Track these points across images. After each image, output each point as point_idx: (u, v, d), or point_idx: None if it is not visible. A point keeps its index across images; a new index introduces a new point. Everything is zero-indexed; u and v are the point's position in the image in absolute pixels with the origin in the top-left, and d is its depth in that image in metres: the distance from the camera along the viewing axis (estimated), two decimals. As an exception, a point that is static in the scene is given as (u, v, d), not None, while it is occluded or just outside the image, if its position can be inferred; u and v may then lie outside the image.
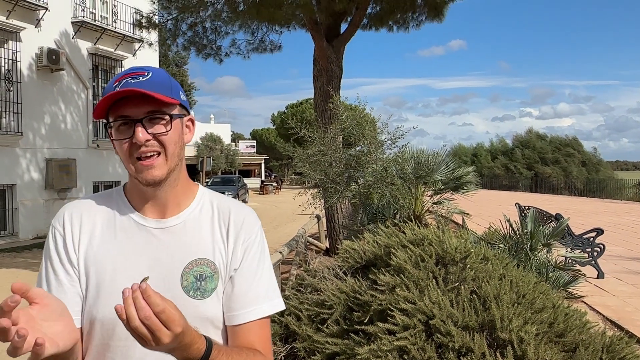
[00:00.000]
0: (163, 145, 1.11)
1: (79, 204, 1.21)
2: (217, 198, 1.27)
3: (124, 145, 1.10)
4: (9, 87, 14.17)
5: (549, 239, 4.11)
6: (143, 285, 0.89)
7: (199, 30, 11.62)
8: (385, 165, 5.88)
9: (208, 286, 1.14)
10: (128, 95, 1.07)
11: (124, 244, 1.14)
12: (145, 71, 1.12)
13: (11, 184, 14.31)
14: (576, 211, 17.36)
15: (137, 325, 0.87)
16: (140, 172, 1.11)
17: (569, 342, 2.35)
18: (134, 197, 1.19)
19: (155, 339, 0.88)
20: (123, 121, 1.10)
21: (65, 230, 1.15)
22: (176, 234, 1.17)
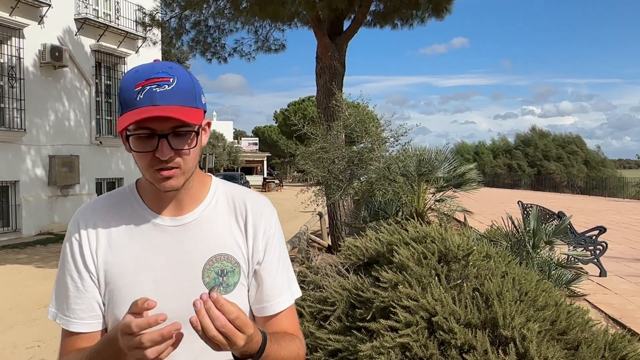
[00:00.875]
0: (183, 160, 1.09)
1: (93, 207, 1.20)
2: (232, 189, 1.25)
3: (146, 156, 1.07)
4: (13, 84, 14.19)
5: (552, 237, 4.11)
6: (214, 295, 0.92)
7: (202, 29, 11.63)
8: (388, 163, 5.88)
9: (230, 281, 1.15)
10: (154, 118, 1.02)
11: (142, 245, 1.14)
12: (169, 77, 1.06)
13: (14, 181, 14.35)
14: (579, 209, 17.34)
15: (215, 334, 0.90)
16: (158, 182, 1.09)
17: (571, 339, 2.35)
18: (149, 195, 1.18)
19: (230, 344, 0.92)
20: (145, 134, 1.05)
21: (81, 235, 1.15)
22: (193, 230, 1.16)
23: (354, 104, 8.83)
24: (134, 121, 1.02)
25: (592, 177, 36.11)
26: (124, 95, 1.07)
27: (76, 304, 1.13)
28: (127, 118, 1.03)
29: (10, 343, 5.77)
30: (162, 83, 1.05)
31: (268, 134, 59.77)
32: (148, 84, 1.05)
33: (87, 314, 1.12)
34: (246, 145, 53.95)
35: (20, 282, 8.69)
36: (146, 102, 1.04)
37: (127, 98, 1.06)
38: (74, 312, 1.13)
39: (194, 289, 1.11)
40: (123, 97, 1.08)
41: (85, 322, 1.12)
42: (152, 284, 1.11)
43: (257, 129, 65.18)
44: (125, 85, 1.08)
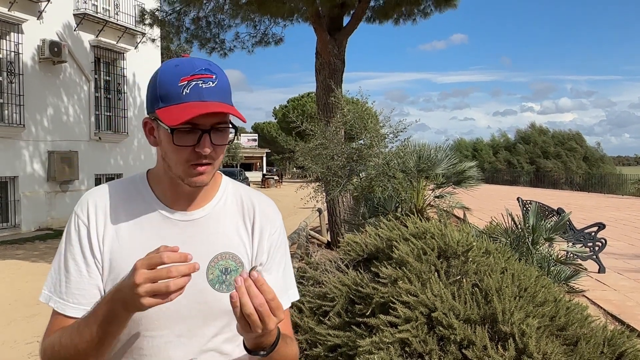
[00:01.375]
0: (216, 155, 1.11)
1: (103, 192, 1.18)
2: (240, 189, 1.27)
3: (184, 151, 1.08)
4: (11, 79, 14.16)
5: (551, 233, 4.11)
6: (255, 275, 0.95)
7: (202, 24, 11.60)
8: (387, 159, 5.88)
9: (233, 279, 1.14)
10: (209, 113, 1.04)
11: (150, 237, 1.13)
12: (212, 74, 1.08)
13: (13, 176, 14.33)
14: (578, 206, 17.36)
15: (251, 312, 0.92)
16: (191, 176, 1.09)
17: (570, 335, 2.36)
18: (161, 188, 1.18)
19: (263, 324, 0.94)
20: (188, 128, 1.06)
21: (89, 220, 1.14)
22: (201, 226, 1.17)
23: (353, 100, 8.82)
24: (193, 116, 1.03)
25: (591, 174, 36.13)
26: (166, 88, 1.08)
27: (77, 289, 1.11)
28: (178, 111, 1.04)
29: (10, 338, 5.78)
30: (206, 80, 1.07)
31: (267, 130, 59.75)
32: (194, 80, 1.06)
33: (87, 300, 1.11)
34: (245, 141, 53.92)
35: (20, 277, 8.69)
36: (194, 97, 1.05)
37: (170, 91, 1.07)
38: (74, 297, 1.11)
39: (198, 285, 1.11)
40: (165, 90, 1.08)
41: (84, 307, 1.11)
42: None
43: (257, 125, 65.14)
44: (166, 79, 1.09)
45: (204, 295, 1.13)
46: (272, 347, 1.05)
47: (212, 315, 1.14)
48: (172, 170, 1.12)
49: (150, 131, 1.15)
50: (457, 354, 2.22)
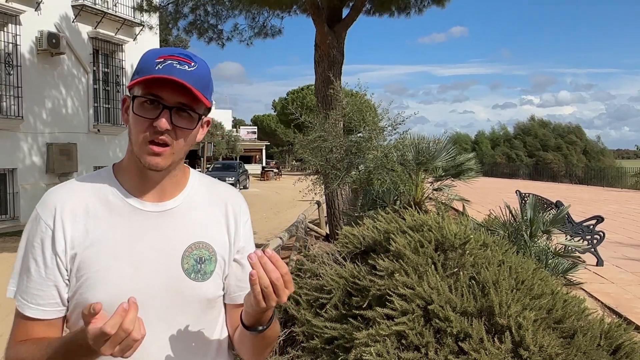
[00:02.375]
0: (177, 139, 1.09)
1: (67, 190, 1.16)
2: (207, 180, 1.28)
3: (143, 123, 1.07)
4: (10, 71, 14.10)
5: (549, 226, 4.11)
6: (269, 252, 1.01)
7: (200, 14, 11.54)
8: (385, 152, 5.87)
9: (207, 269, 1.16)
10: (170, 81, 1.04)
11: (121, 229, 1.12)
12: (192, 60, 1.09)
13: (12, 168, 14.31)
14: (577, 199, 17.36)
15: (267, 285, 0.98)
16: (146, 154, 1.08)
17: (567, 328, 2.36)
18: (129, 179, 1.16)
19: (278, 296, 1.00)
20: (152, 99, 1.06)
21: (55, 221, 1.10)
22: (173, 217, 1.16)
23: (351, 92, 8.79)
24: (149, 77, 1.04)
25: (590, 167, 36.13)
26: (142, 64, 1.09)
27: (37, 290, 1.10)
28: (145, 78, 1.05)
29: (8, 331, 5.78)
30: (183, 62, 1.08)
31: (267, 123, 59.66)
32: (170, 59, 1.07)
33: (47, 301, 1.10)
34: (245, 134, 53.85)
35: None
36: (163, 72, 1.05)
37: (145, 66, 1.08)
38: (33, 298, 1.10)
39: (173, 275, 1.12)
40: (141, 65, 1.09)
41: (44, 309, 1.10)
42: (131, 269, 1.10)
43: (256, 117, 65.03)
44: (144, 57, 1.11)
45: (180, 284, 1.13)
46: (269, 323, 1.10)
47: (189, 305, 1.14)
48: (133, 150, 1.11)
49: (126, 109, 1.14)
50: (453, 347, 2.22)
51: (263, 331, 1.10)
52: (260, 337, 1.13)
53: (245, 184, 31.95)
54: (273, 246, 5.58)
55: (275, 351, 2.86)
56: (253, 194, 28.42)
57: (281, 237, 6.35)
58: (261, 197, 26.47)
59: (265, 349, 1.20)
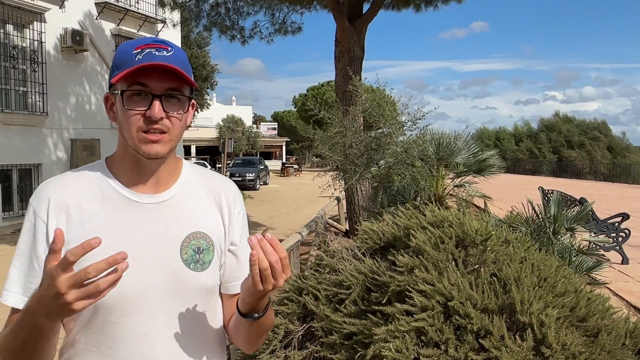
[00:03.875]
0: (172, 125, 1.10)
1: (62, 182, 1.15)
2: (202, 172, 1.28)
3: (135, 116, 1.08)
4: (35, 68, 14.35)
5: (573, 223, 4.04)
6: (269, 236, 1.02)
7: (221, 11, 11.60)
8: (405, 147, 5.82)
9: (206, 258, 1.16)
10: (156, 67, 1.05)
11: (118, 222, 1.11)
12: (167, 45, 1.10)
13: (37, 164, 14.59)
14: (601, 196, 17.06)
15: (266, 267, 0.99)
16: (144, 144, 1.08)
17: (591, 327, 2.31)
18: (124, 171, 1.16)
19: (275, 279, 1.01)
20: (138, 91, 1.07)
21: (49, 214, 1.10)
22: (169, 208, 1.16)
23: (371, 88, 8.74)
24: (136, 67, 1.04)
25: (616, 164, 35.42)
26: (120, 57, 1.10)
27: (30, 282, 1.08)
28: (128, 70, 1.05)
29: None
30: (161, 49, 1.09)
31: (287, 119, 59.75)
32: (147, 48, 1.08)
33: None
34: (265, 130, 54.01)
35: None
36: (145, 61, 1.06)
37: (124, 59, 1.08)
38: (28, 290, 1.08)
39: (172, 266, 1.12)
40: (119, 59, 1.09)
41: None
42: (131, 261, 1.08)
43: (276, 114, 65.19)
44: (121, 50, 1.11)
45: (180, 275, 1.13)
46: (265, 310, 1.11)
47: (189, 295, 1.15)
48: (128, 143, 1.11)
49: (110, 107, 1.15)
50: (473, 344, 2.19)
51: (259, 318, 1.11)
52: (255, 325, 1.14)
53: (266, 180, 32.08)
54: (292, 241, 5.59)
55: (294, 346, 2.86)
56: (273, 189, 28.53)
57: (301, 232, 6.36)
58: (281, 192, 26.56)
59: (260, 336, 1.21)
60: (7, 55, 13.68)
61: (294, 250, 5.68)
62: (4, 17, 13.41)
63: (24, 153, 14.08)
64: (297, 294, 3.02)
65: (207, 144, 43.66)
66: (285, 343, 2.87)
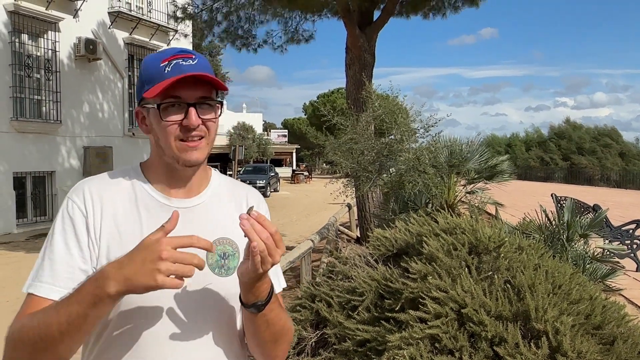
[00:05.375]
0: (208, 130, 1.15)
1: (99, 181, 1.19)
2: (229, 180, 1.33)
3: (173, 126, 1.11)
4: (49, 77, 14.54)
5: (587, 230, 4.01)
6: (254, 213, 1.02)
7: (233, 20, 11.68)
8: (417, 154, 5.82)
9: (231, 264, 1.17)
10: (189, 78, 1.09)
11: (148, 224, 1.13)
12: (191, 54, 1.14)
13: (51, 171, 14.74)
14: (615, 203, 16.88)
15: (263, 248, 1.00)
16: (184, 152, 1.12)
17: (606, 334, 2.30)
18: (157, 176, 1.20)
19: (271, 256, 1.01)
20: (173, 102, 1.11)
21: (87, 207, 1.12)
22: (199, 213, 1.19)
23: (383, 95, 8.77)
24: (172, 81, 1.07)
25: (628, 170, 35.07)
26: (149, 71, 1.13)
27: (67, 272, 1.07)
28: (160, 85, 1.09)
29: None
30: (187, 59, 1.12)
31: (297, 126, 59.88)
32: (174, 59, 1.12)
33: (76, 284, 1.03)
34: (275, 137, 54.13)
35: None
36: (176, 73, 1.09)
37: (153, 73, 1.12)
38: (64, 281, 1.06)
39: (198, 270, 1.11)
40: (148, 73, 1.13)
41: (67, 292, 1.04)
42: None
43: (286, 121, 65.35)
44: (148, 64, 1.15)
45: (205, 280, 1.13)
46: (268, 298, 1.10)
47: (214, 299, 1.15)
48: (166, 154, 1.15)
49: (142, 120, 1.18)
50: (488, 351, 2.18)
51: (263, 307, 1.09)
52: (263, 322, 1.12)
53: (276, 187, 32.12)
54: (304, 248, 5.60)
55: (308, 353, 2.86)
56: (284, 196, 28.55)
57: (312, 239, 6.37)
58: (292, 199, 26.58)
59: (276, 341, 1.18)
60: (22, 64, 13.86)
61: (305, 257, 5.68)
62: (19, 27, 13.60)
63: (38, 160, 14.24)
64: (310, 300, 3.03)
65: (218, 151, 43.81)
66: (298, 350, 2.87)
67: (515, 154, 43.80)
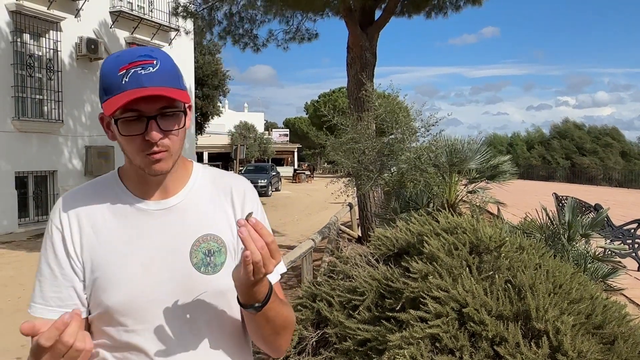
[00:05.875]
0: (172, 142, 1.10)
1: (75, 195, 1.19)
2: (212, 171, 1.28)
3: (135, 141, 1.08)
4: (51, 76, 14.55)
5: (588, 230, 4.00)
6: (253, 220, 0.99)
7: (235, 19, 11.68)
8: (418, 153, 5.82)
9: (217, 260, 1.15)
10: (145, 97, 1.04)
11: (128, 230, 1.13)
12: (152, 59, 1.07)
13: (52, 170, 14.76)
14: (616, 202, 16.87)
15: (259, 259, 0.97)
16: (148, 165, 1.10)
17: (607, 334, 2.29)
18: (132, 182, 1.18)
19: (265, 266, 0.98)
20: (133, 116, 1.06)
21: (62, 224, 1.14)
22: (178, 213, 1.17)
23: (384, 94, 8.77)
24: (126, 102, 1.02)
25: (630, 170, 35.02)
26: (107, 80, 1.08)
27: (54, 292, 1.11)
28: (117, 100, 1.04)
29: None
30: (146, 65, 1.06)
31: (298, 126, 59.87)
32: (132, 67, 1.05)
33: (66, 302, 1.10)
34: (277, 136, 54.17)
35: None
36: (133, 85, 1.04)
37: (111, 82, 1.07)
38: (53, 300, 1.11)
39: (183, 271, 1.12)
40: (107, 82, 1.08)
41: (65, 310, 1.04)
42: (140, 268, 1.11)
43: (288, 120, 65.32)
44: (107, 71, 1.08)
45: (190, 280, 1.12)
46: (266, 299, 1.07)
47: (202, 299, 1.14)
48: (132, 162, 1.12)
49: (107, 126, 1.14)
50: (488, 351, 2.18)
51: (261, 308, 1.08)
52: (263, 319, 1.11)
53: (278, 186, 32.13)
54: (305, 248, 5.60)
55: (308, 352, 2.87)
56: (285, 196, 28.56)
57: (313, 238, 6.37)
58: (293, 199, 26.58)
59: (278, 334, 1.17)
60: (24, 63, 13.88)
61: (306, 256, 5.68)
62: (21, 27, 13.62)
63: (40, 160, 14.26)
64: (311, 300, 3.03)
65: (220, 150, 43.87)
66: (299, 349, 2.88)
67: (517, 153, 43.73)
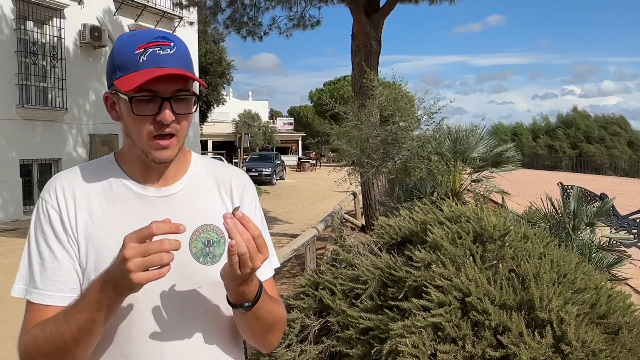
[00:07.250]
0: (180, 127, 1.09)
1: (70, 175, 1.16)
2: (210, 162, 1.27)
3: (146, 120, 1.06)
4: (54, 64, 14.53)
5: (593, 219, 3.97)
6: (239, 214, 0.97)
7: (238, 7, 11.60)
8: (422, 141, 5.79)
9: (216, 251, 1.13)
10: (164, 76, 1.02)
11: (125, 216, 1.11)
12: (170, 41, 1.07)
13: (57, 158, 14.80)
14: (622, 192, 16.80)
15: (245, 251, 0.96)
16: (154, 149, 1.08)
17: (611, 324, 2.28)
18: (131, 166, 1.15)
19: (252, 263, 0.97)
20: (147, 96, 1.05)
21: (59, 204, 1.10)
22: (178, 201, 1.15)
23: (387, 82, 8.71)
24: (148, 78, 1.01)
25: (636, 159, 34.84)
26: (122, 57, 1.06)
27: (55, 275, 1.07)
28: (135, 77, 1.02)
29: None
30: (164, 47, 1.06)
31: (303, 114, 59.76)
32: (150, 47, 1.05)
33: (67, 286, 1.07)
34: (281, 125, 54.11)
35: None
36: (150, 64, 1.03)
37: (127, 60, 1.05)
38: (52, 284, 1.07)
39: (181, 260, 1.08)
40: (122, 58, 1.06)
41: (65, 294, 1.06)
42: None
43: (292, 109, 65.22)
44: (121, 49, 1.07)
45: (188, 269, 1.10)
46: (255, 299, 1.06)
47: (200, 289, 1.12)
48: (136, 146, 1.10)
49: (112, 106, 1.12)
50: (491, 340, 2.17)
51: (250, 308, 1.06)
52: (253, 318, 1.10)
53: (282, 175, 32.16)
54: (309, 236, 5.59)
55: (310, 340, 2.86)
56: (289, 184, 28.58)
57: (317, 227, 6.37)
58: (297, 187, 26.60)
59: (268, 332, 1.16)
60: (28, 51, 13.87)
61: (310, 245, 5.68)
62: (24, 14, 13.58)
63: (44, 148, 14.29)
64: (314, 288, 3.02)
65: (224, 139, 43.85)
66: (301, 337, 2.87)
67: (522, 143, 43.53)
